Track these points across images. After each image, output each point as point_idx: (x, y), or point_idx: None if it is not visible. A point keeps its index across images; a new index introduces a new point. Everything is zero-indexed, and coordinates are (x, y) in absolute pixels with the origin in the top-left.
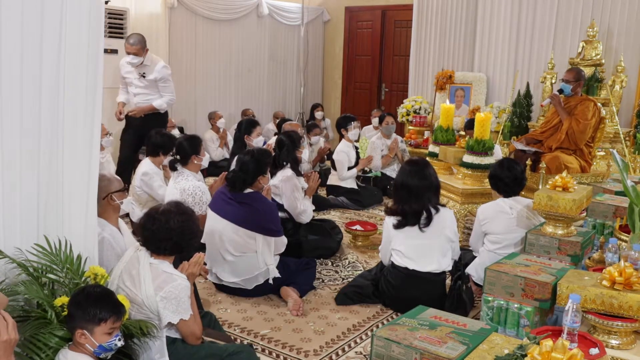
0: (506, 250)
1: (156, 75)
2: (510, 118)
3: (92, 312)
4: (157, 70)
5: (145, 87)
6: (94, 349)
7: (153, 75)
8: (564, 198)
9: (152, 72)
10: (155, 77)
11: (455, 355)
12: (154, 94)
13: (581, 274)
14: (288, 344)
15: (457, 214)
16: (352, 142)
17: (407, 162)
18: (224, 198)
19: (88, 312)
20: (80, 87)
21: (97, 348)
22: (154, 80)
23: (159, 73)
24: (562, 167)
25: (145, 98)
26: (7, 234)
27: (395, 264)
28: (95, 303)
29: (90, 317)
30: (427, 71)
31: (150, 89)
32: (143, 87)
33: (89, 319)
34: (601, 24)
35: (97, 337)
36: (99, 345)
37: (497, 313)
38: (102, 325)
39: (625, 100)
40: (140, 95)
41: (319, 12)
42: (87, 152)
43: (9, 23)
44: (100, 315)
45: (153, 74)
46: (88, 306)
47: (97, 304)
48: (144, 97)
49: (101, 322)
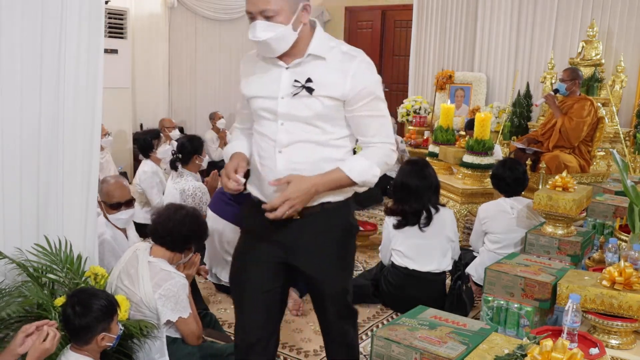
0: (506, 250)
1: None
2: (510, 118)
3: (105, 311)
4: None
5: None
6: (112, 343)
7: None
8: (564, 198)
9: None
10: None
11: (455, 355)
12: None
13: (581, 274)
14: (288, 344)
15: (457, 213)
16: None
17: (407, 162)
18: (223, 199)
19: (104, 314)
20: (80, 87)
21: (115, 339)
22: None
23: None
24: (562, 167)
25: None
26: (7, 234)
27: (395, 263)
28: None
29: (108, 316)
30: (427, 71)
31: None
32: None
33: (106, 319)
34: (601, 24)
35: (113, 330)
36: (116, 336)
37: (497, 313)
38: (115, 317)
39: (625, 100)
40: None
41: (319, 12)
42: (87, 152)
43: (9, 23)
44: (112, 309)
45: None
46: (100, 309)
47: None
48: None
49: (114, 314)
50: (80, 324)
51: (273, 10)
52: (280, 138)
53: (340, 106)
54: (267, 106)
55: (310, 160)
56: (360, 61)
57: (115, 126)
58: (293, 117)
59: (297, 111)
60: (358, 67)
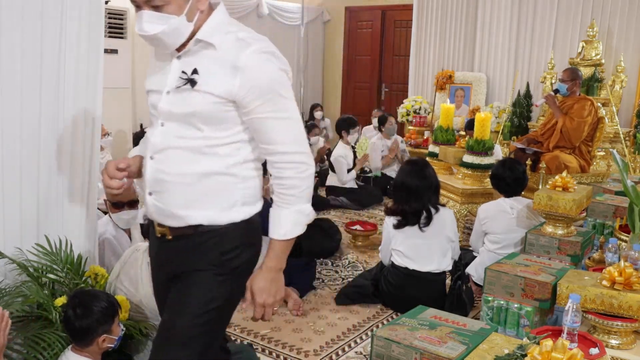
0: (506, 250)
1: None
2: (510, 118)
3: (106, 313)
4: None
5: None
6: (113, 344)
7: None
8: (564, 198)
9: None
10: None
11: (455, 355)
12: None
13: (581, 274)
14: (288, 344)
15: (457, 214)
16: (350, 144)
17: (407, 162)
18: None
19: (105, 316)
20: (80, 87)
21: (116, 341)
22: None
23: None
24: (562, 167)
25: None
26: (7, 234)
27: (395, 263)
28: (102, 303)
29: (109, 318)
30: (427, 71)
31: None
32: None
33: (107, 321)
34: (601, 24)
35: (114, 332)
36: (117, 337)
37: (497, 313)
38: (116, 318)
39: (625, 100)
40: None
41: (319, 12)
42: (87, 152)
43: (9, 23)
44: (113, 311)
45: None
46: (101, 311)
47: (104, 304)
48: None
49: (115, 316)
50: (81, 325)
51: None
52: (154, 141)
53: (230, 106)
54: (153, 101)
55: (180, 172)
56: (255, 51)
57: (115, 126)
58: (172, 115)
59: (176, 108)
60: (251, 58)
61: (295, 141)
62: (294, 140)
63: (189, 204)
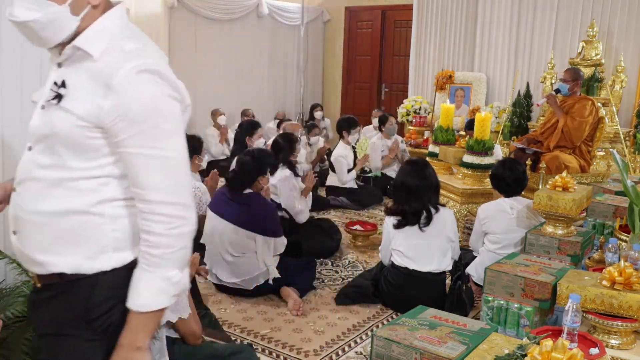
0: (506, 250)
1: None
2: (510, 118)
3: None
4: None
5: None
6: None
7: None
8: (564, 198)
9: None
10: None
11: (455, 355)
12: None
13: (581, 274)
14: (288, 344)
15: (457, 214)
16: (350, 144)
17: (407, 162)
18: (224, 199)
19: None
20: None
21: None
22: None
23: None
24: (562, 167)
25: None
26: (7, 234)
27: (395, 263)
28: None
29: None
30: (427, 71)
31: None
32: None
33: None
34: (601, 24)
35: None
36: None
37: (497, 313)
38: None
39: (625, 100)
40: None
41: (319, 12)
42: None
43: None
44: None
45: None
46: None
47: None
48: None
49: None
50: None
51: None
52: (18, 169)
53: (96, 132)
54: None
55: (35, 209)
56: (135, 67)
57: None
58: (36, 137)
59: (38, 129)
60: (128, 77)
61: (171, 188)
62: (170, 186)
63: (47, 247)
